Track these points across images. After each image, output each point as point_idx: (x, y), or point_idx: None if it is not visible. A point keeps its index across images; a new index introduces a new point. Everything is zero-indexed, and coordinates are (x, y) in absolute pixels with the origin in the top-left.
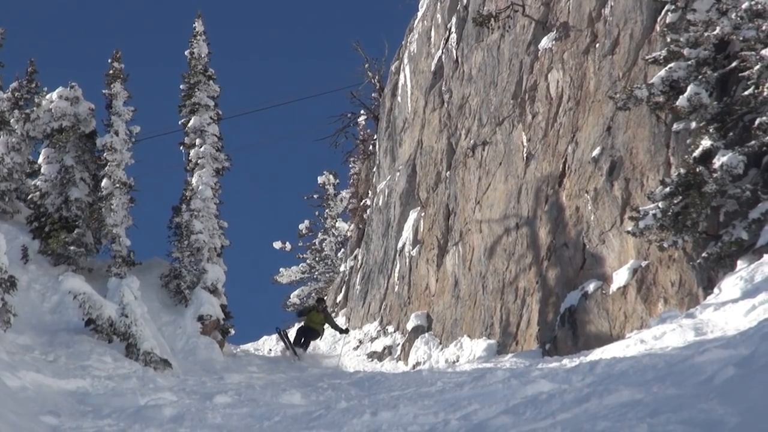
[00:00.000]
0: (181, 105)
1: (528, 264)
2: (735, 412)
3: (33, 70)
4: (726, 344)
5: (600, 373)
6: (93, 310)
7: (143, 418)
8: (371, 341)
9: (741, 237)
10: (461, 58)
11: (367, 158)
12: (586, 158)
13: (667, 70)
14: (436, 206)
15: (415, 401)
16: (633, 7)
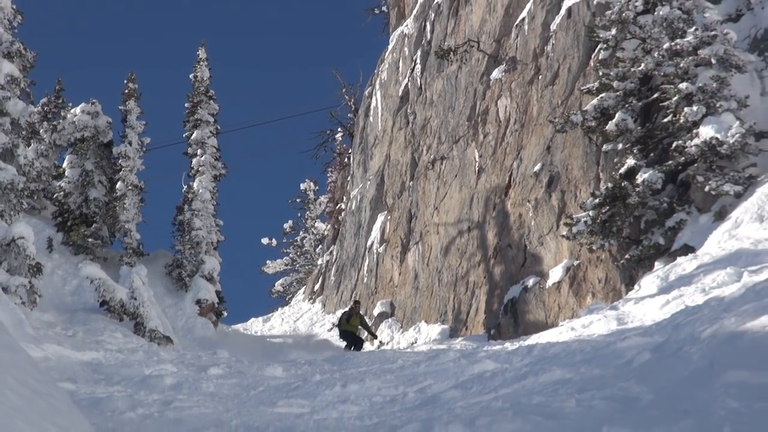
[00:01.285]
0: (185, 120)
1: (477, 261)
2: (649, 391)
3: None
4: (643, 333)
5: (536, 355)
6: (107, 293)
7: (148, 385)
8: None
9: (658, 242)
10: (424, 85)
11: (343, 169)
12: (528, 173)
13: (599, 99)
14: (400, 211)
15: (379, 376)
16: (571, 45)
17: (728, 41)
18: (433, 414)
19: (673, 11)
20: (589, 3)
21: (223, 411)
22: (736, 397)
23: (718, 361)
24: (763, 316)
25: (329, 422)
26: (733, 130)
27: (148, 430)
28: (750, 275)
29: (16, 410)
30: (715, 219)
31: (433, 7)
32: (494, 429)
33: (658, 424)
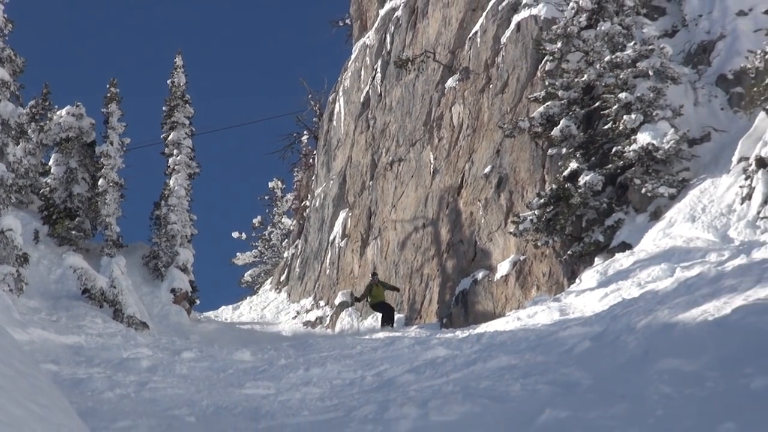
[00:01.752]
0: (162, 122)
1: (431, 255)
2: (589, 376)
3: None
4: (584, 323)
5: (485, 343)
6: (88, 282)
7: (125, 367)
8: (306, 312)
9: (598, 239)
10: (384, 92)
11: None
12: (479, 174)
13: (545, 107)
14: (360, 208)
15: (339, 360)
16: (520, 56)
17: (664, 55)
18: (389, 396)
19: (614, 26)
20: (536, 18)
21: (194, 392)
22: (669, 383)
23: (652, 350)
24: (693, 309)
25: (293, 403)
26: (668, 137)
27: (125, 409)
28: (682, 271)
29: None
30: (651, 219)
31: (393, 20)
32: (445, 410)
33: (597, 407)
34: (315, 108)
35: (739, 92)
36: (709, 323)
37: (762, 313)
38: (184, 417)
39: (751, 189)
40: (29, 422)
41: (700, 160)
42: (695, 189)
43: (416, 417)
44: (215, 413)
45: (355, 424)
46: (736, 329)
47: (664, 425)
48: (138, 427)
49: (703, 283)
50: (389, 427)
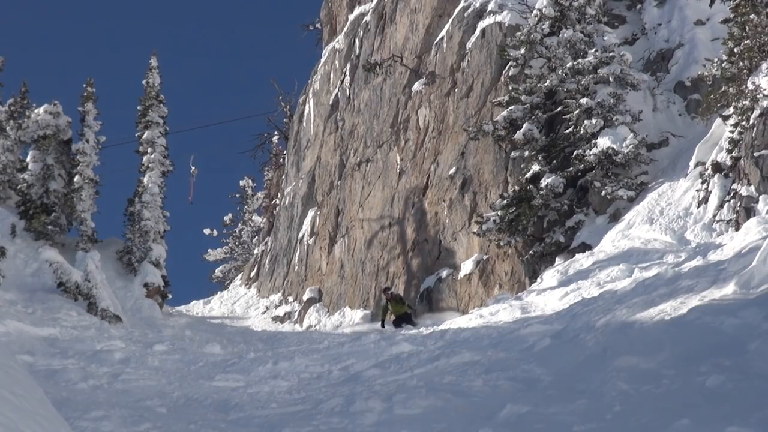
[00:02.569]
0: (137, 121)
1: (397, 254)
2: (549, 372)
3: (26, 89)
4: (544, 321)
5: (448, 339)
6: (64, 275)
7: (99, 359)
8: (275, 307)
9: (559, 240)
10: (353, 95)
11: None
12: (444, 175)
13: (509, 111)
14: (329, 207)
15: (307, 355)
16: (485, 62)
17: (625, 62)
18: (355, 390)
19: (576, 34)
20: (501, 25)
21: (166, 384)
22: (626, 380)
23: (610, 348)
24: (651, 308)
25: (261, 395)
26: (627, 141)
27: (98, 399)
28: (640, 271)
29: None
30: (610, 220)
31: (362, 25)
32: (409, 404)
33: (556, 403)
34: (285, 109)
35: (697, 99)
36: (666, 322)
37: (717, 313)
38: (156, 408)
39: (707, 193)
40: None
41: (659, 164)
42: (653, 192)
43: (381, 410)
44: (186, 404)
45: (322, 417)
46: (692, 328)
47: (621, 421)
48: (111, 417)
49: (661, 284)
50: (355, 419)
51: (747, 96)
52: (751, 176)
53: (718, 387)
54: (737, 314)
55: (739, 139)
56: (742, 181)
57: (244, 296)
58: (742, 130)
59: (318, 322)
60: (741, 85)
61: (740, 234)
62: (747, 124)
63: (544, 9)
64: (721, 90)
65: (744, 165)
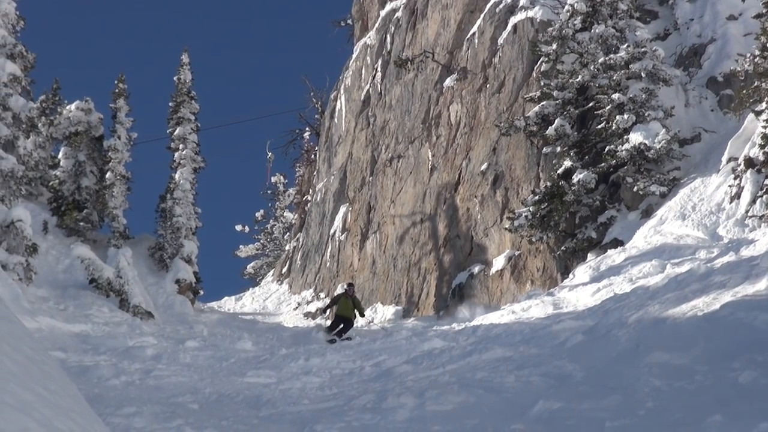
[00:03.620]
0: (169, 118)
1: (429, 250)
2: (581, 369)
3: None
4: (576, 317)
5: (480, 335)
6: (95, 272)
7: (131, 355)
8: (307, 304)
9: (591, 236)
10: (384, 91)
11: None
12: (476, 171)
13: (540, 106)
14: (360, 203)
15: (339, 351)
16: (516, 57)
17: (657, 57)
18: (387, 386)
19: (608, 29)
20: (533, 20)
21: (198, 380)
22: (659, 376)
23: (642, 344)
24: (683, 304)
25: (293, 392)
26: (659, 137)
27: (130, 395)
28: (672, 267)
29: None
30: (642, 216)
31: (393, 21)
32: (441, 400)
33: (589, 399)
34: (317, 105)
35: (729, 94)
36: (698, 318)
37: (750, 308)
38: (188, 404)
39: (739, 188)
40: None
41: (691, 159)
42: (686, 188)
43: (413, 406)
44: (218, 401)
45: (354, 413)
46: (725, 324)
47: (653, 417)
48: (143, 414)
49: (693, 280)
50: (387, 415)
51: None
52: None
53: (751, 383)
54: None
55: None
56: None
57: (275, 292)
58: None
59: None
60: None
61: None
62: None
63: (575, 4)
64: (754, 85)
65: None
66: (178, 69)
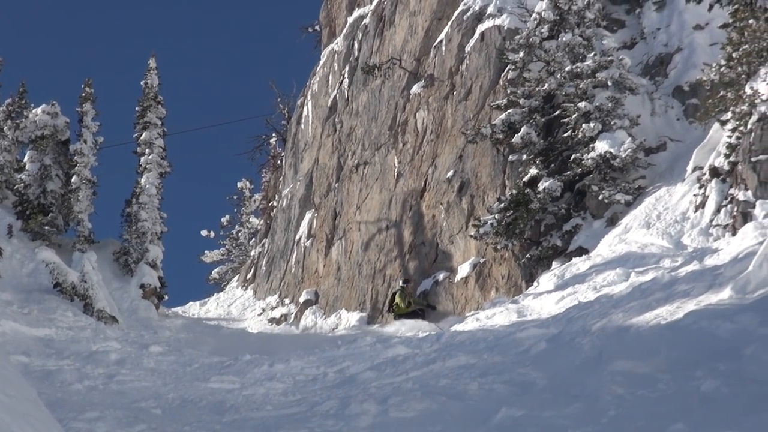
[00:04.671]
0: (135, 122)
1: (394, 256)
2: (544, 376)
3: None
4: (540, 325)
5: (444, 342)
6: (60, 276)
7: (94, 360)
8: (272, 309)
9: (556, 243)
10: (351, 97)
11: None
12: (442, 178)
13: (507, 114)
14: (326, 209)
15: (303, 357)
16: (483, 65)
17: (623, 66)
18: (350, 392)
19: (575, 38)
20: (500, 28)
21: (161, 385)
22: (622, 384)
23: (606, 352)
24: (647, 313)
25: (257, 397)
26: (625, 146)
27: (93, 400)
28: (637, 276)
29: None
30: (607, 225)
31: (361, 27)
32: (404, 407)
33: (551, 407)
34: (284, 111)
35: (695, 103)
36: (661, 327)
37: (713, 317)
38: (151, 409)
39: (704, 198)
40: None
41: (656, 168)
42: (651, 196)
43: (376, 413)
44: (181, 406)
45: (317, 419)
46: (688, 333)
47: (616, 425)
48: (105, 418)
49: (657, 288)
50: (350, 422)
51: (745, 101)
52: (748, 181)
53: (713, 392)
54: (733, 319)
55: (737, 144)
56: (739, 186)
57: (240, 298)
58: (739, 135)
59: (314, 324)
60: (739, 90)
61: (737, 239)
62: (745, 129)
63: (543, 13)
64: (720, 95)
65: (741, 170)
66: (146, 73)
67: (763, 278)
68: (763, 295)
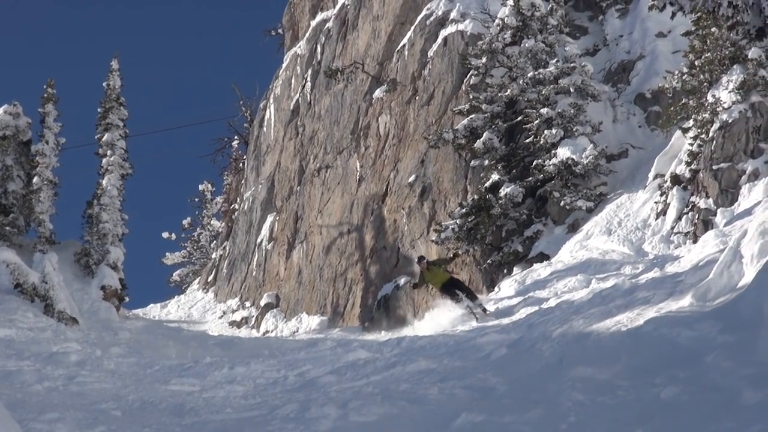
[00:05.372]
0: (97, 124)
1: (355, 260)
2: (505, 381)
3: None
4: (501, 330)
5: (404, 347)
6: (21, 277)
7: (54, 361)
8: (233, 312)
9: (517, 249)
10: (313, 101)
11: (238, 173)
12: (404, 183)
13: (469, 119)
14: (288, 212)
15: (263, 360)
16: (446, 70)
17: (585, 73)
18: (311, 396)
19: (538, 44)
20: (463, 33)
21: (121, 387)
22: (582, 390)
23: (566, 358)
24: (607, 319)
25: (217, 400)
26: (587, 152)
27: (53, 401)
28: (597, 282)
29: None
30: (569, 231)
31: (324, 31)
32: (364, 411)
33: (512, 412)
34: (246, 114)
35: (657, 111)
36: (622, 333)
37: (673, 325)
38: (111, 411)
39: (666, 205)
40: None
41: (618, 175)
42: (612, 203)
43: (336, 417)
44: (141, 408)
45: (277, 423)
46: (648, 340)
47: (576, 431)
48: (65, 420)
49: (618, 295)
50: (310, 426)
51: (707, 109)
52: (709, 189)
53: (673, 399)
54: (693, 326)
55: (699, 152)
56: (700, 194)
57: (201, 300)
58: (701, 142)
59: (275, 328)
60: (701, 98)
61: (698, 246)
62: (706, 137)
63: (506, 18)
64: (681, 102)
65: (703, 178)
66: (108, 75)
67: (723, 286)
68: (723, 302)
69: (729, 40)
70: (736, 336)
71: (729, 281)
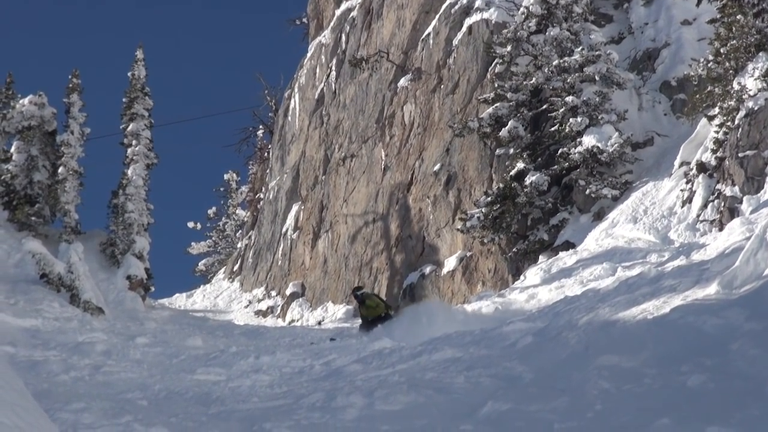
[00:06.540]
0: (122, 114)
1: (381, 249)
2: (530, 370)
3: (11, 80)
4: (527, 319)
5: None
6: (47, 267)
7: (80, 351)
8: (258, 302)
9: (543, 238)
10: (338, 90)
11: (263, 162)
12: (429, 171)
13: (494, 108)
14: (313, 202)
15: (289, 349)
16: (471, 58)
17: (611, 61)
18: (337, 385)
19: (563, 32)
20: (488, 22)
21: (147, 376)
22: (608, 378)
23: (592, 346)
24: (633, 307)
25: (243, 389)
26: (612, 140)
27: (79, 391)
28: (623, 270)
29: None
30: (594, 219)
31: (349, 20)
32: (390, 400)
33: (537, 401)
34: (271, 103)
35: (682, 99)
36: (648, 322)
37: (699, 312)
38: (137, 400)
39: (691, 193)
40: None
41: (643, 163)
42: (638, 191)
43: (362, 406)
44: (167, 397)
45: (303, 412)
46: (675, 328)
47: (602, 419)
48: (91, 410)
49: (644, 283)
50: (336, 414)
51: (732, 96)
52: (735, 177)
53: (700, 387)
54: (720, 314)
55: (724, 140)
56: (726, 182)
57: (227, 290)
58: (727, 130)
59: (300, 317)
60: (726, 86)
61: (724, 234)
62: (732, 125)
63: (531, 7)
64: (707, 90)
65: (728, 165)
66: (133, 65)
67: (749, 273)
68: (749, 290)
69: (755, 28)
70: (762, 324)
71: (755, 269)
